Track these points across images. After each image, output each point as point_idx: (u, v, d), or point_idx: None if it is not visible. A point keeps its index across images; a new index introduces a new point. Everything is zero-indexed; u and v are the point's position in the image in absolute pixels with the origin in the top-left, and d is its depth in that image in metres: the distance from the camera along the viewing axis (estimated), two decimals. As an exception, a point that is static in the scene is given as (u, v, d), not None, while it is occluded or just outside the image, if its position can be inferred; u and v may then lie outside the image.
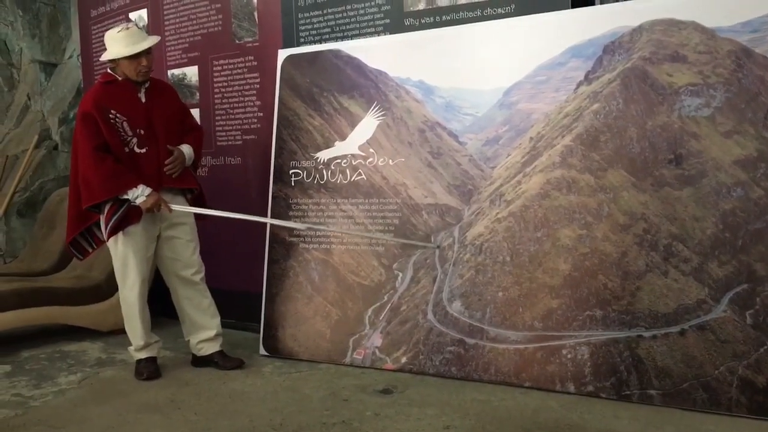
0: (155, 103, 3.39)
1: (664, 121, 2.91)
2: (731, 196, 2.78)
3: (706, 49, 2.85)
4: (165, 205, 3.32)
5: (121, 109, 3.28)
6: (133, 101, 3.34)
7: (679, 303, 2.81)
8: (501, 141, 3.34)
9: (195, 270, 3.51)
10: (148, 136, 3.34)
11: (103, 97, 3.29)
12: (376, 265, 3.53)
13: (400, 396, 3.06)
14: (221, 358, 3.55)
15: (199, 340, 3.57)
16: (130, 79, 3.32)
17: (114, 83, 3.35)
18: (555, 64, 3.19)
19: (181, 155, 3.40)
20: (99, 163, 3.21)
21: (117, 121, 3.27)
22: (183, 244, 3.46)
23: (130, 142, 3.30)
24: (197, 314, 3.55)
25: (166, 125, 3.39)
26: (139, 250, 3.37)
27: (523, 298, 3.12)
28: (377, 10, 3.79)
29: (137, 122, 3.31)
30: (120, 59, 3.28)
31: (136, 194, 3.24)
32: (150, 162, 3.33)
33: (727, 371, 2.69)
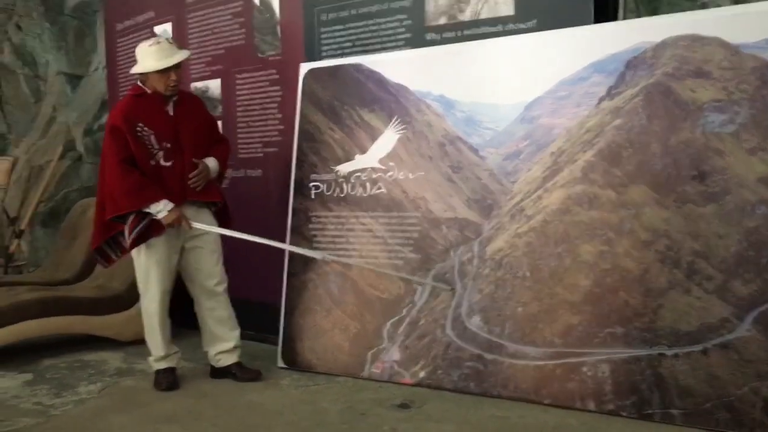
0: (183, 117, 3.44)
1: (688, 137, 2.89)
2: (756, 213, 2.74)
3: (730, 65, 2.83)
4: (186, 221, 3.36)
5: (148, 123, 3.34)
6: (161, 115, 3.39)
7: (702, 321, 2.78)
8: (522, 156, 3.33)
9: (217, 281, 3.53)
10: (175, 149, 3.38)
11: (132, 110, 3.35)
12: (395, 278, 3.52)
13: (418, 411, 3.05)
14: (239, 370, 3.56)
15: (217, 352, 3.58)
16: (159, 92, 3.37)
17: (143, 96, 3.40)
18: (577, 79, 3.18)
19: (206, 169, 3.44)
20: (124, 175, 3.27)
21: (144, 135, 3.33)
22: (206, 254, 3.49)
23: (157, 155, 3.35)
24: (217, 325, 3.56)
25: (192, 139, 3.44)
26: (162, 262, 3.41)
27: (542, 314, 3.10)
28: (398, 25, 3.81)
29: (164, 136, 3.36)
30: (150, 73, 3.34)
31: (159, 209, 3.29)
32: (175, 175, 3.38)
33: (750, 392, 2.65)
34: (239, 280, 4.09)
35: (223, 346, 3.57)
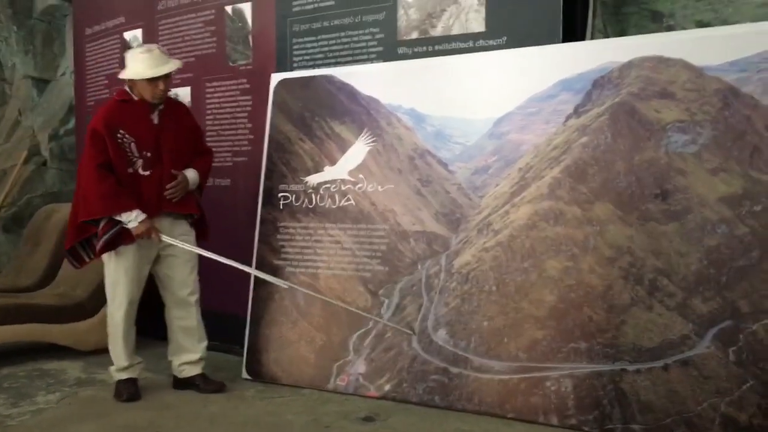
0: (166, 126, 3.39)
1: (651, 157, 2.94)
2: (716, 232, 2.80)
3: (694, 87, 2.89)
4: (156, 234, 3.31)
5: (131, 130, 3.29)
6: (145, 123, 3.34)
7: (663, 338, 2.82)
8: (490, 171, 3.36)
9: (190, 290, 3.50)
10: (154, 159, 3.34)
11: (116, 115, 3.30)
12: (362, 290, 3.52)
13: (383, 424, 3.04)
14: (202, 381, 3.52)
15: (181, 362, 3.54)
16: (145, 99, 3.33)
17: (129, 102, 3.35)
18: (545, 96, 3.22)
19: (184, 180, 3.40)
20: (100, 181, 3.22)
21: (125, 141, 3.28)
22: (181, 263, 3.45)
23: (135, 164, 3.31)
24: (185, 336, 3.52)
25: (173, 149, 3.39)
26: (131, 270, 3.37)
27: (508, 329, 3.12)
28: (371, 38, 3.83)
29: (145, 145, 3.32)
30: (138, 80, 3.29)
31: (130, 218, 3.25)
32: (152, 185, 3.33)
33: (709, 408, 2.69)
34: (204, 290, 4.05)
35: (189, 357, 3.52)
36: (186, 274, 3.47)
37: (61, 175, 5.99)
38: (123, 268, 3.36)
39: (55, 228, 4.92)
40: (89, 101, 5.36)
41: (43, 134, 6.04)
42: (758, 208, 2.74)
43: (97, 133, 3.26)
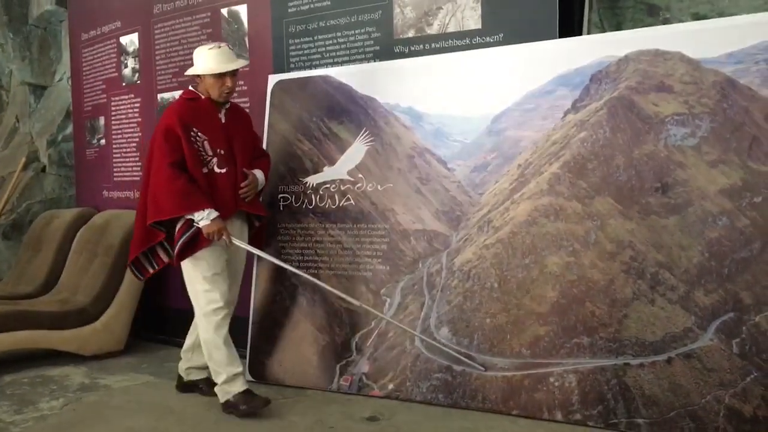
0: (234, 125, 3.34)
1: (651, 150, 2.94)
2: (717, 224, 2.79)
3: (692, 80, 2.89)
4: (227, 235, 3.19)
5: (202, 128, 3.23)
6: (214, 121, 3.28)
7: (666, 331, 2.82)
8: (489, 168, 3.35)
9: (236, 292, 3.44)
10: (228, 157, 3.27)
11: (187, 113, 3.23)
12: (364, 290, 3.52)
13: (387, 423, 3.04)
14: (206, 385, 3.47)
15: (189, 366, 3.50)
16: (211, 98, 3.27)
17: (196, 101, 3.29)
18: (543, 92, 3.22)
19: (255, 180, 3.34)
20: (173, 179, 3.12)
21: (198, 140, 3.21)
22: (232, 273, 3.38)
23: (210, 162, 3.22)
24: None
25: (243, 148, 3.34)
26: (222, 272, 3.26)
27: (510, 325, 3.12)
28: (367, 37, 3.83)
29: (218, 142, 3.25)
30: (205, 76, 3.23)
31: (202, 216, 3.13)
32: (229, 183, 3.26)
33: (714, 400, 2.69)
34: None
35: (199, 362, 3.45)
36: (238, 275, 3.42)
37: (60, 181, 5.99)
38: (213, 273, 3.22)
39: (56, 234, 4.92)
40: (87, 106, 5.35)
41: (41, 140, 6.04)
42: (758, 199, 2.73)
43: (171, 131, 3.16)
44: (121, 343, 4.36)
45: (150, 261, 3.43)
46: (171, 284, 4.50)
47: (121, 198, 5.01)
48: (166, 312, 4.53)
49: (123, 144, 5.01)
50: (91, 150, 5.34)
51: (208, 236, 3.14)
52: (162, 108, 4.66)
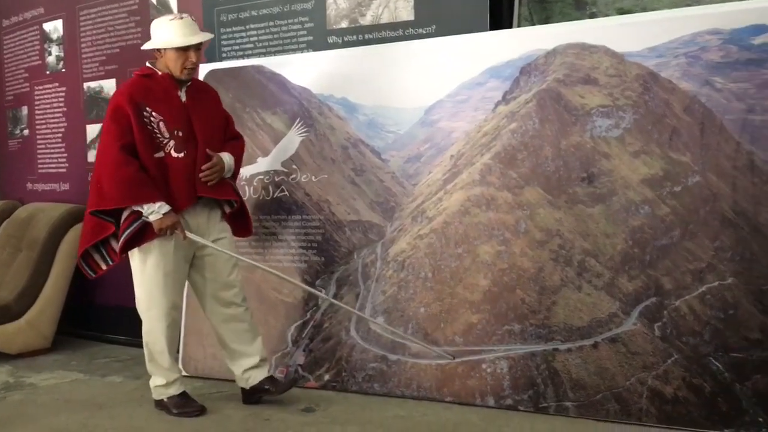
0: (196, 104, 3.04)
1: (577, 141, 3.02)
2: (639, 213, 2.90)
3: (616, 73, 2.98)
4: (181, 229, 2.92)
5: (157, 107, 2.93)
6: (172, 99, 2.98)
7: (593, 317, 2.91)
8: (423, 158, 3.38)
9: (236, 290, 3.14)
10: (187, 139, 2.97)
11: (139, 91, 2.93)
12: (299, 282, 3.51)
13: (323, 414, 3.04)
14: (272, 384, 3.14)
15: (244, 369, 3.15)
16: (171, 74, 2.98)
17: (152, 78, 2.99)
18: (474, 84, 3.26)
19: (221, 162, 3.02)
20: (120, 165, 2.84)
21: (152, 121, 2.92)
22: (222, 262, 3.09)
23: (167, 145, 2.93)
24: (238, 341, 3.14)
25: (206, 129, 3.03)
26: (172, 274, 3.01)
27: (444, 314, 3.16)
28: (300, 27, 3.80)
29: (175, 123, 2.95)
30: (167, 50, 2.92)
31: (152, 210, 2.86)
32: (187, 168, 2.96)
33: (637, 382, 2.80)
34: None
35: (250, 362, 3.14)
36: (228, 272, 3.10)
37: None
38: (163, 273, 2.97)
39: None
40: (8, 95, 5.16)
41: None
42: (678, 188, 2.85)
43: (120, 110, 2.88)
44: (48, 341, 4.23)
45: (103, 256, 3.08)
46: (101, 279, 4.38)
47: (47, 190, 4.85)
48: (97, 308, 4.41)
49: (48, 135, 4.84)
50: (13, 141, 5.16)
51: (159, 232, 2.88)
52: (89, 97, 4.53)
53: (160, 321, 3.01)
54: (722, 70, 2.80)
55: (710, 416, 2.68)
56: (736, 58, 2.77)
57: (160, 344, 3.04)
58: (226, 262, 3.10)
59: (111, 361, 4.03)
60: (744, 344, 2.68)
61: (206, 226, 3.06)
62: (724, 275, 2.74)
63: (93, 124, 4.51)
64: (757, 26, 2.75)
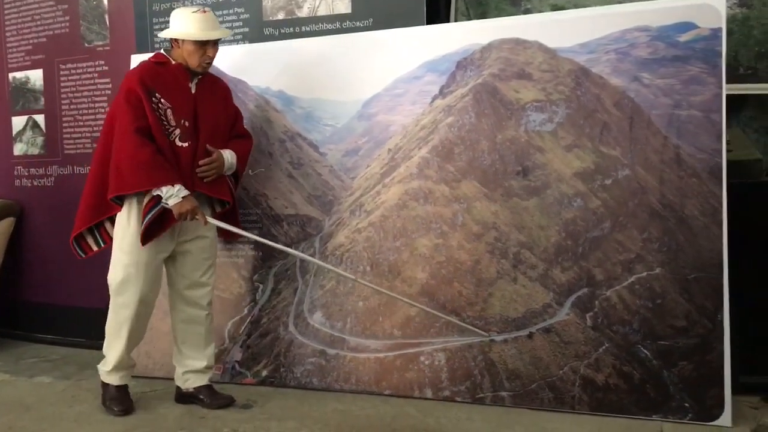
0: (205, 97, 3.02)
1: (513, 135, 3.06)
2: (572, 206, 2.96)
3: (549, 68, 3.03)
4: (201, 215, 2.90)
5: (166, 95, 2.91)
6: (183, 89, 2.96)
7: (527, 308, 2.96)
8: (361, 152, 3.38)
9: (205, 292, 3.08)
10: (192, 130, 2.95)
11: (151, 76, 2.92)
12: (236, 277, 3.46)
13: (260, 410, 3.01)
14: (208, 395, 3.07)
15: (185, 370, 3.11)
16: (184, 65, 2.97)
17: (165, 66, 2.97)
18: (411, 77, 3.27)
19: (220, 159, 2.99)
20: (138, 148, 2.80)
21: (160, 108, 2.89)
22: (198, 261, 3.05)
23: (173, 134, 2.90)
24: (191, 342, 3.10)
25: (211, 123, 3.00)
26: (148, 267, 2.94)
27: (383, 307, 3.17)
28: (236, 18, 3.74)
29: (183, 113, 2.93)
30: (185, 42, 2.91)
31: (171, 193, 2.81)
32: (188, 159, 2.93)
33: (570, 371, 2.86)
34: (67, 285, 3.85)
35: (193, 365, 3.09)
36: (201, 273, 3.06)
37: None
38: (136, 263, 2.91)
39: None
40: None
41: None
42: (608, 181, 2.92)
43: (134, 93, 2.86)
44: (-28, 341, 4.07)
45: (95, 237, 3.09)
46: (27, 276, 4.24)
47: (-29, 184, 4.64)
48: (23, 306, 4.25)
49: (-30, 126, 4.63)
50: (-67, 133, 4.90)
51: (179, 217, 2.84)
52: (15, 88, 4.35)
53: (125, 309, 2.97)
54: (650, 66, 2.88)
55: (639, 402, 2.77)
56: (663, 55, 2.86)
57: (119, 331, 2.99)
58: (203, 262, 3.07)
59: (39, 361, 3.89)
60: (671, 332, 2.77)
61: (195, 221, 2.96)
62: (652, 266, 2.83)
63: (18, 116, 4.34)
64: (683, 24, 2.85)
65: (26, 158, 4.32)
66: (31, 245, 4.23)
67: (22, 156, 4.34)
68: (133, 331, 3.00)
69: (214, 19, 3.00)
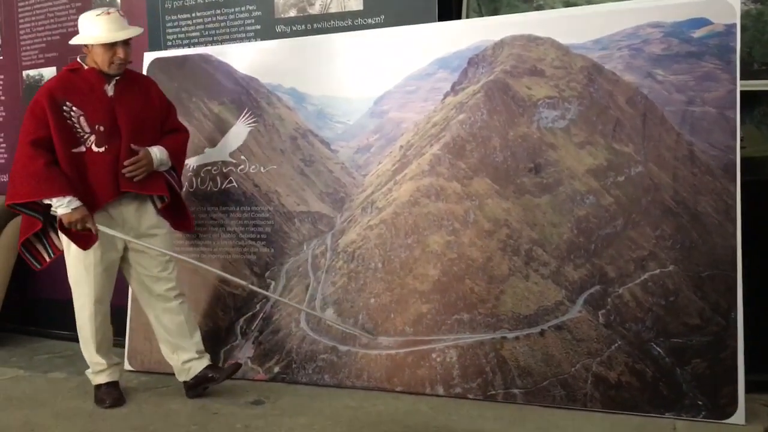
0: (124, 98, 3.01)
1: (525, 132, 3.06)
2: (584, 203, 2.95)
3: (562, 65, 3.02)
4: (92, 224, 2.90)
5: (79, 102, 2.92)
6: (97, 94, 2.97)
7: (539, 305, 2.96)
8: (372, 149, 3.38)
9: (169, 286, 3.12)
10: (110, 134, 2.95)
11: (61, 86, 2.94)
12: (248, 274, 3.47)
13: (272, 406, 3.02)
14: (214, 371, 3.12)
15: (183, 360, 3.15)
16: (98, 69, 2.97)
17: (78, 72, 2.99)
18: (423, 74, 3.27)
19: (147, 156, 2.99)
20: (31, 160, 2.85)
21: (72, 116, 2.90)
22: (152, 257, 3.08)
23: (88, 140, 2.92)
24: (175, 335, 3.14)
25: (132, 123, 2.99)
26: (95, 266, 2.99)
27: (394, 304, 3.17)
28: (248, 16, 3.74)
29: (97, 117, 2.94)
30: (93, 46, 2.92)
31: (61, 203, 2.84)
32: (107, 163, 2.94)
33: (582, 368, 2.85)
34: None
35: (187, 355, 3.14)
36: (160, 268, 3.09)
37: None
38: (83, 265, 2.98)
39: None
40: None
41: None
42: (621, 178, 2.91)
43: (38, 105, 2.89)
44: (-13, 337, 4.11)
45: (45, 246, 3.11)
46: (41, 273, 4.26)
47: (-15, 182, 4.68)
48: (37, 302, 4.29)
49: (-15, 124, 4.66)
50: (-51, 131, 4.94)
51: (69, 226, 2.88)
52: (28, 86, 4.39)
53: (83, 311, 3.06)
54: (663, 62, 2.87)
55: (652, 400, 2.76)
56: (677, 51, 2.85)
57: (85, 333, 3.09)
58: (155, 257, 3.10)
59: (53, 356, 3.93)
60: (684, 330, 2.76)
61: (136, 220, 3.05)
62: (665, 263, 2.82)
63: (33, 113, 4.37)
64: (697, 20, 2.83)
65: (40, 155, 4.34)
66: (44, 242, 4.26)
67: (36, 153, 4.36)
68: (96, 330, 3.07)
69: (119, 19, 2.98)
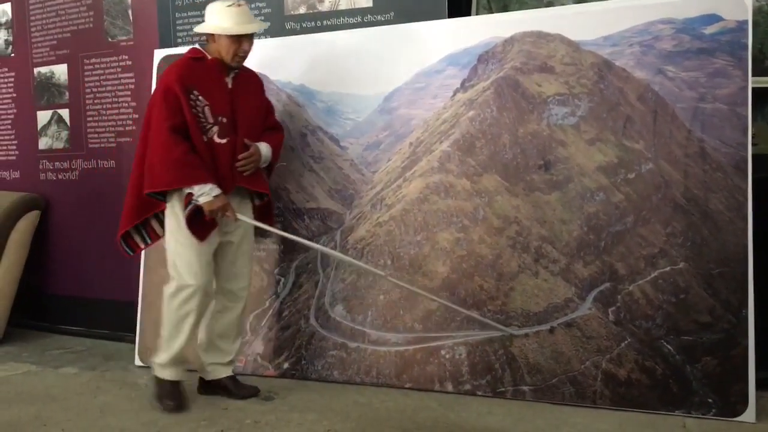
0: (242, 92, 3.01)
1: (534, 129, 3.05)
2: (594, 200, 2.94)
3: (572, 61, 3.01)
4: (232, 212, 2.90)
5: (204, 92, 2.90)
6: (220, 85, 2.96)
7: (549, 302, 2.95)
8: (381, 146, 3.38)
9: (243, 285, 3.10)
10: (230, 126, 2.94)
11: (189, 74, 2.91)
12: (258, 270, 3.48)
13: (282, 402, 3.03)
14: (233, 385, 3.10)
15: (211, 362, 3.12)
16: (220, 60, 2.95)
17: (201, 61, 2.96)
18: (433, 71, 3.27)
19: (257, 152, 2.99)
20: (172, 146, 2.81)
21: (198, 105, 2.89)
22: (240, 253, 3.06)
23: (210, 130, 2.90)
24: (220, 334, 3.10)
25: (248, 118, 3.01)
26: (205, 253, 2.94)
27: (403, 301, 3.17)
28: (258, 13, 3.74)
29: (220, 109, 2.92)
30: (220, 36, 2.90)
31: (203, 191, 2.82)
32: (228, 155, 2.93)
33: (592, 366, 2.85)
34: (92, 277, 3.90)
35: (220, 358, 3.11)
36: (242, 264, 3.07)
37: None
38: (197, 256, 2.90)
39: None
40: None
41: None
42: (632, 175, 2.90)
43: (171, 92, 2.85)
44: (-1, 332, 4.14)
45: (142, 235, 3.14)
46: (52, 269, 4.30)
47: (-4, 178, 4.72)
48: (48, 298, 4.32)
49: (-4, 121, 4.70)
50: (-40, 127, 4.98)
51: (210, 214, 2.85)
52: (40, 83, 4.41)
53: (189, 302, 2.94)
54: (674, 59, 2.86)
55: (662, 398, 2.75)
56: (688, 48, 2.84)
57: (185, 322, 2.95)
58: (244, 253, 3.08)
59: (65, 352, 3.95)
60: (694, 327, 2.75)
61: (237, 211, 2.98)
62: (676, 260, 2.81)
63: (43, 110, 4.40)
64: (708, 16, 2.82)
65: (51, 152, 4.38)
66: (55, 238, 4.30)
67: (47, 150, 4.40)
68: (195, 323, 2.99)
69: (248, 12, 2.98)
